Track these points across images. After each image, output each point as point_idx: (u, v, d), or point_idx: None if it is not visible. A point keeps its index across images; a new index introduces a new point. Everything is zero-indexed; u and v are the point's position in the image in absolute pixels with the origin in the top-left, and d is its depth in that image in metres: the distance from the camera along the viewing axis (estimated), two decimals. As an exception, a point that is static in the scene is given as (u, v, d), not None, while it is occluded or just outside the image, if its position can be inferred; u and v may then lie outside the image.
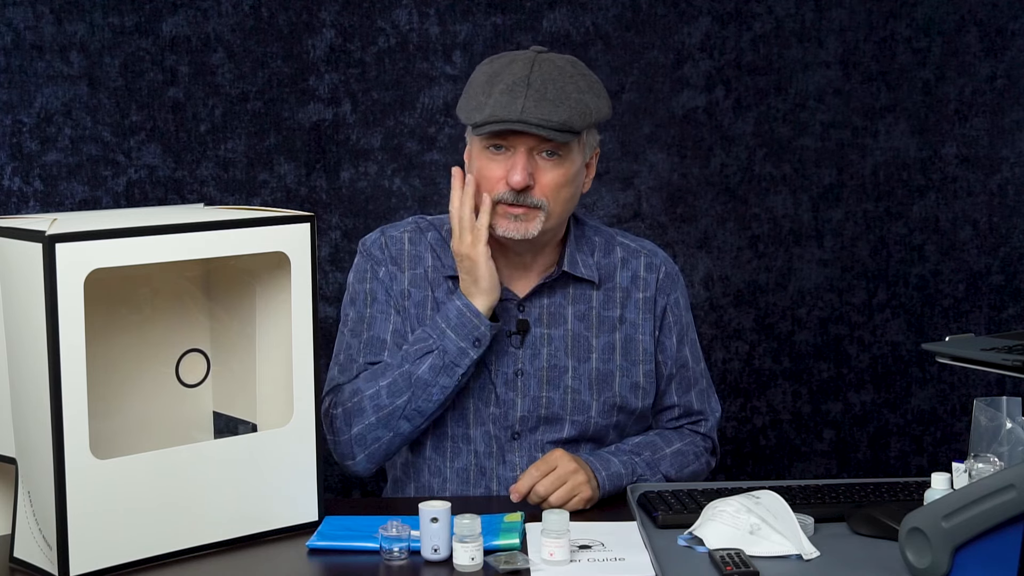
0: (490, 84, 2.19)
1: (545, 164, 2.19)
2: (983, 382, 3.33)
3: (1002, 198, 3.31)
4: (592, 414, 2.29)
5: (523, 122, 2.14)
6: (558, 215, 2.23)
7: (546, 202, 2.19)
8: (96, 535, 1.85)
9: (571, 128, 2.16)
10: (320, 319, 2.04)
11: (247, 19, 3.14)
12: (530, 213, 2.19)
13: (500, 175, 2.19)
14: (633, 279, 2.35)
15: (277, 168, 3.18)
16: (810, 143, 3.28)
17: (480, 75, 2.23)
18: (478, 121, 2.17)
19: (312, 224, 2.03)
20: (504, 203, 2.19)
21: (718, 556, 1.85)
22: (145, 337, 2.09)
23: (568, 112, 2.16)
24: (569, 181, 2.22)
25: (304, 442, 2.04)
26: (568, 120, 2.16)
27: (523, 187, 2.17)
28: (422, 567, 1.89)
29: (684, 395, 2.39)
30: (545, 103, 2.15)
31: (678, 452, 2.32)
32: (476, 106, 2.19)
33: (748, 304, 3.31)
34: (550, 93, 2.16)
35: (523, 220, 2.19)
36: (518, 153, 2.18)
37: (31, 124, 3.10)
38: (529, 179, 2.17)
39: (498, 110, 2.15)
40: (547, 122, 2.14)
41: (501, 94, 2.16)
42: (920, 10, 3.25)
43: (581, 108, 2.18)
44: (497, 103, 2.16)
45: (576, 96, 2.18)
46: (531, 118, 2.14)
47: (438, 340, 2.19)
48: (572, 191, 2.24)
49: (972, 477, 1.93)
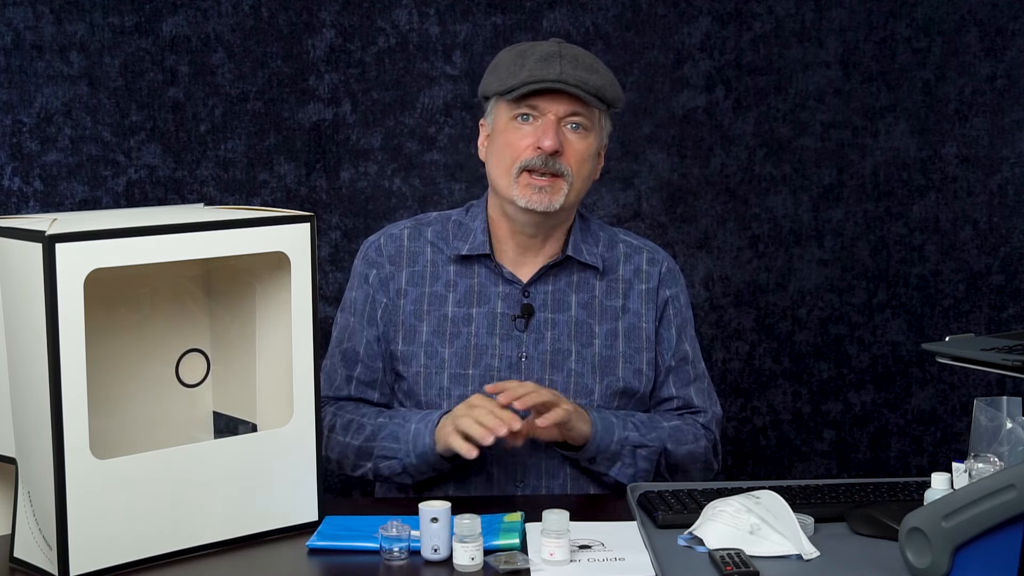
0: (521, 57, 2.26)
1: (571, 135, 2.26)
2: (983, 382, 3.33)
3: (1002, 198, 3.31)
4: (595, 398, 2.31)
5: (562, 82, 2.22)
6: (578, 190, 2.28)
7: (571, 172, 2.25)
8: (96, 535, 1.85)
9: (604, 95, 2.25)
10: (320, 319, 2.04)
11: (247, 19, 3.14)
12: (555, 184, 2.24)
13: (529, 142, 2.24)
14: (636, 272, 2.38)
15: (277, 168, 3.18)
16: (810, 143, 3.28)
17: (507, 54, 2.30)
18: (514, 84, 2.23)
19: (312, 224, 2.03)
20: (530, 170, 2.23)
21: (718, 556, 1.85)
22: (145, 337, 2.09)
23: (600, 80, 2.25)
24: (590, 156, 2.29)
25: (304, 442, 2.04)
26: (601, 87, 2.25)
27: (553, 151, 2.22)
28: (422, 567, 1.89)
29: (683, 388, 2.39)
30: (580, 69, 2.24)
31: (676, 428, 2.34)
32: (509, 74, 2.25)
33: (748, 304, 3.31)
34: (581, 64, 2.25)
35: (547, 192, 2.24)
36: (547, 120, 2.24)
37: (31, 124, 3.10)
38: (559, 144, 2.23)
39: (535, 72, 2.22)
40: (584, 84, 2.23)
41: (536, 61, 2.23)
42: (920, 10, 3.25)
43: (609, 80, 2.27)
44: (534, 67, 2.23)
45: (603, 71, 2.28)
46: (569, 79, 2.22)
47: (404, 456, 2.24)
48: (591, 168, 2.30)
49: (972, 477, 1.93)
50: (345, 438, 2.29)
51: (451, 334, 2.31)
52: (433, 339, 2.31)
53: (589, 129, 2.27)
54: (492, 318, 2.31)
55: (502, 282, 2.33)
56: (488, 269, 2.33)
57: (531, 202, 2.24)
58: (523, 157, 2.24)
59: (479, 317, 2.31)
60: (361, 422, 2.29)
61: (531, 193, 2.24)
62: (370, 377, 2.35)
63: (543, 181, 2.24)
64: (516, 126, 2.26)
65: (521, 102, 2.24)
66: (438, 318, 2.32)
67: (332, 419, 2.31)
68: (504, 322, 2.31)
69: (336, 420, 2.31)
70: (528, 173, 2.24)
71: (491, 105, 2.32)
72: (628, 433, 2.27)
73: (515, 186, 2.24)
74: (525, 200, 2.24)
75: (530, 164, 2.23)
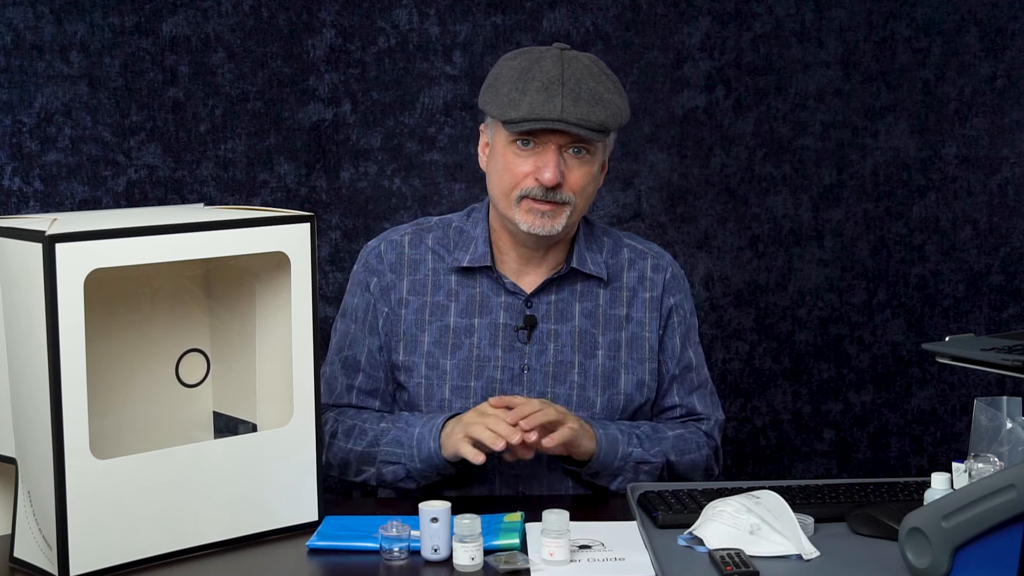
0: (523, 81, 2.19)
1: (573, 161, 2.22)
2: (983, 382, 3.33)
3: (1002, 198, 3.31)
4: (596, 410, 2.30)
5: (563, 121, 2.16)
6: (580, 211, 2.26)
7: (574, 198, 2.22)
8: (96, 535, 1.85)
9: (607, 128, 2.20)
10: (320, 319, 2.04)
11: (247, 19, 3.14)
12: (557, 209, 2.22)
13: (528, 170, 2.21)
14: (640, 279, 2.36)
15: (277, 168, 3.18)
16: (810, 143, 3.28)
17: (508, 70, 2.23)
18: (515, 118, 2.18)
19: (312, 224, 2.03)
20: (531, 199, 2.21)
21: (718, 556, 1.85)
22: (145, 337, 2.09)
23: (604, 113, 2.19)
24: (594, 178, 2.26)
25: (304, 442, 2.04)
26: (605, 121, 2.19)
27: (554, 184, 2.19)
28: (422, 567, 1.89)
29: (687, 396, 2.39)
30: (582, 103, 2.18)
31: (680, 437, 2.33)
32: (510, 102, 2.19)
33: (748, 304, 3.31)
34: (584, 93, 2.19)
35: (549, 217, 2.22)
36: (548, 150, 2.20)
37: (31, 124, 3.10)
38: (560, 177, 2.20)
39: (536, 108, 2.17)
40: (586, 122, 2.17)
41: (537, 92, 2.17)
42: (920, 10, 3.25)
43: (614, 109, 2.22)
44: (535, 101, 2.17)
45: (608, 97, 2.21)
46: (570, 117, 2.17)
47: (408, 461, 2.23)
48: (594, 187, 2.28)
49: (972, 477, 1.93)
50: (347, 444, 2.27)
51: (453, 345, 2.30)
52: (435, 350, 2.30)
53: (593, 153, 2.23)
54: (494, 329, 2.30)
55: (504, 293, 2.31)
56: (490, 279, 2.31)
57: (533, 227, 2.21)
58: (523, 185, 2.21)
59: (481, 328, 2.30)
60: (363, 428, 2.27)
61: (533, 218, 2.21)
62: (371, 386, 2.33)
63: (545, 207, 2.21)
64: (516, 150, 2.21)
65: (522, 132, 2.20)
66: (440, 328, 2.30)
67: (334, 425, 2.29)
68: (507, 333, 2.29)
69: (338, 426, 2.29)
70: (529, 199, 2.21)
71: (490, 119, 2.27)
72: (632, 449, 2.26)
73: (516, 210, 2.22)
74: (527, 225, 2.21)
75: (530, 193, 2.20)
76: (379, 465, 2.25)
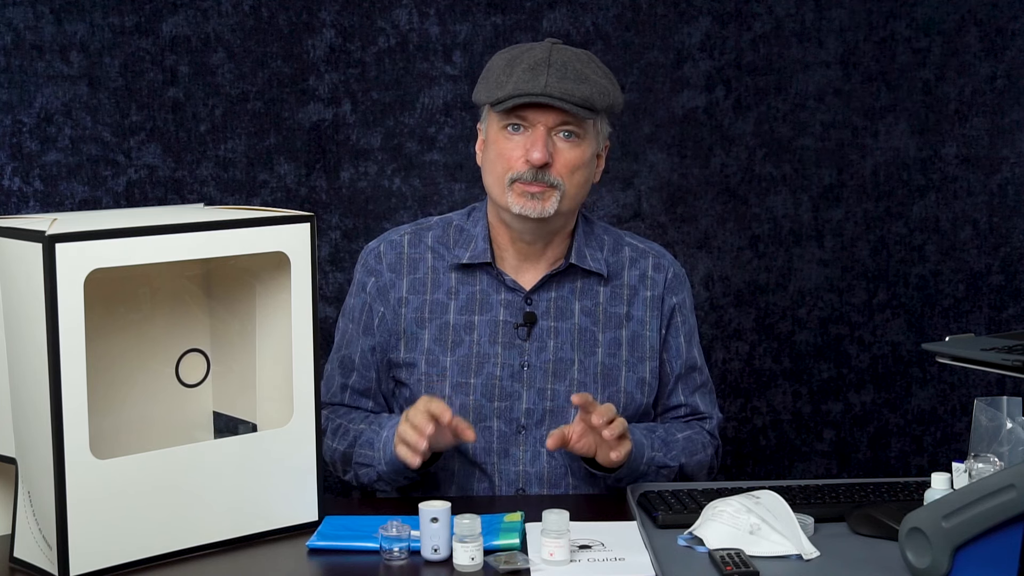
0: (510, 66, 2.23)
1: (563, 144, 2.23)
2: (983, 382, 3.33)
3: (1002, 198, 3.31)
4: None
5: (546, 95, 2.18)
6: (572, 197, 2.25)
7: (563, 182, 2.22)
8: (96, 535, 1.85)
9: (592, 105, 2.21)
10: (320, 319, 2.04)
11: (247, 19, 3.14)
12: (547, 192, 2.22)
13: (519, 154, 2.22)
14: (641, 278, 2.36)
15: (277, 168, 3.18)
16: (810, 143, 3.28)
17: (498, 60, 2.27)
18: (500, 96, 2.21)
19: (312, 224, 2.03)
20: (522, 182, 2.22)
21: (718, 556, 1.85)
22: (145, 337, 2.09)
23: (589, 90, 2.21)
24: (585, 164, 2.25)
25: (304, 442, 2.04)
26: (589, 97, 2.20)
27: (542, 164, 2.20)
28: (422, 567, 1.89)
29: (691, 396, 2.39)
30: (567, 80, 2.20)
31: (688, 439, 2.33)
32: (497, 84, 2.22)
33: (748, 304, 3.31)
34: (570, 72, 2.21)
35: (539, 199, 2.22)
36: (537, 131, 2.21)
37: (31, 124, 3.10)
38: (548, 157, 2.20)
39: (521, 85, 2.19)
40: (570, 96, 2.19)
41: (523, 72, 2.20)
42: (920, 10, 3.25)
43: (600, 88, 2.23)
44: (520, 79, 2.20)
45: (594, 78, 2.23)
46: (554, 92, 2.18)
47: (377, 463, 2.23)
48: (586, 175, 2.27)
49: (972, 477, 1.93)
50: (333, 443, 2.29)
51: (453, 342, 2.30)
52: (435, 347, 2.30)
53: (582, 136, 2.24)
54: (494, 326, 2.30)
55: (504, 290, 2.31)
56: (490, 276, 2.32)
57: (524, 208, 2.22)
58: (514, 169, 2.22)
59: (481, 325, 2.30)
60: (347, 428, 2.29)
61: (524, 200, 2.22)
62: (363, 386, 2.34)
63: (535, 188, 2.21)
64: (507, 136, 2.24)
65: (510, 113, 2.22)
66: (439, 326, 2.31)
67: (326, 423, 2.31)
68: (506, 330, 2.30)
69: (328, 424, 2.31)
70: (520, 182, 2.22)
71: (484, 112, 2.30)
72: (655, 454, 2.26)
73: (508, 194, 2.23)
74: (519, 207, 2.22)
75: (520, 177, 2.21)
76: (355, 467, 2.27)
